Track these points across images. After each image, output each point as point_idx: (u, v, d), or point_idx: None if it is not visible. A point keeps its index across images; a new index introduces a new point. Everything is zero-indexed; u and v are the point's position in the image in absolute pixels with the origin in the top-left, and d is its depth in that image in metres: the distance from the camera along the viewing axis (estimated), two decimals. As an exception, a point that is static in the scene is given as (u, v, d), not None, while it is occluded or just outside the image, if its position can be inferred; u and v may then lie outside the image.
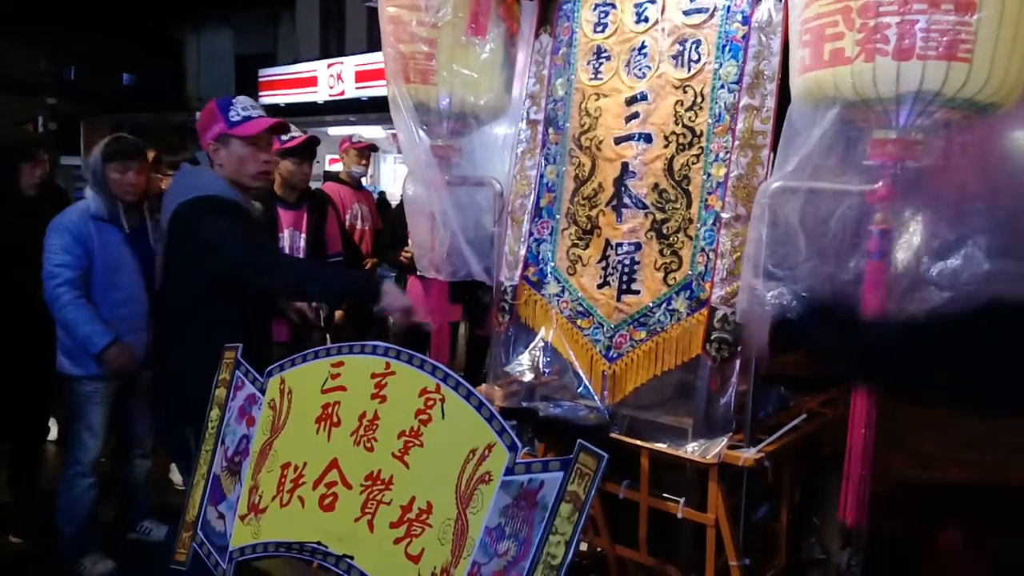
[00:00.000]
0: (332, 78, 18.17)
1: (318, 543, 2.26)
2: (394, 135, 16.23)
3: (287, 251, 4.54)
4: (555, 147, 3.49)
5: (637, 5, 3.25)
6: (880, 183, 2.43)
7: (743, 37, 2.92)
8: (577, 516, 1.81)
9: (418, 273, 4.22)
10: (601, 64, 3.34)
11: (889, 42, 2.30)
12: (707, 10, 3.04)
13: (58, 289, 3.73)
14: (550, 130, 3.51)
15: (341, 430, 2.33)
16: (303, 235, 4.56)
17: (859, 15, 2.34)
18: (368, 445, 2.25)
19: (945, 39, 2.24)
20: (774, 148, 2.70)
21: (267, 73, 20.11)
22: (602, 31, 3.36)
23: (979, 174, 2.50)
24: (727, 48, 2.95)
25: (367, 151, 6.08)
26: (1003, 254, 2.48)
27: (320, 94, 18.42)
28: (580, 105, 3.39)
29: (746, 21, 2.93)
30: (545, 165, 3.52)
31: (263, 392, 2.58)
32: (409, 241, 4.94)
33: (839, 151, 2.59)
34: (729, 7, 2.99)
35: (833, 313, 2.37)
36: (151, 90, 22.91)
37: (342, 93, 17.86)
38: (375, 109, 16.09)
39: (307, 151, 4.59)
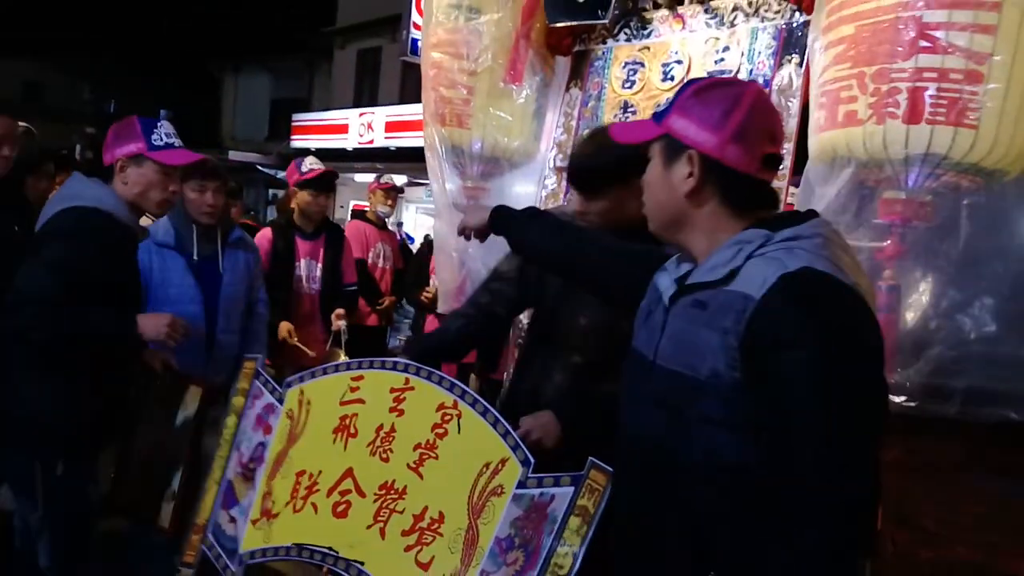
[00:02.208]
0: (363, 127, 18.49)
1: (329, 548, 2.29)
2: (418, 184, 16.57)
3: (303, 280, 4.61)
4: None
5: (664, 65, 3.44)
6: (889, 241, 2.53)
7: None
8: (585, 529, 1.84)
9: (438, 311, 4.35)
10: (628, 117, 3.50)
11: (900, 106, 2.40)
12: (731, 71, 3.21)
13: None
14: None
15: (358, 441, 2.38)
16: (319, 264, 4.64)
17: (872, 80, 2.45)
18: (384, 456, 2.30)
19: (953, 106, 2.34)
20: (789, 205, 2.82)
21: (300, 118, 20.52)
22: (630, 87, 3.54)
23: (985, 238, 2.58)
24: None
25: (393, 192, 6.22)
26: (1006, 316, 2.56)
27: (350, 141, 18.75)
28: None
29: (767, 84, 3.09)
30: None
31: (281, 402, 2.63)
32: (431, 281, 5.07)
33: (853, 209, 2.67)
34: (752, 70, 3.17)
35: None
36: (187, 126, 23.38)
37: (371, 142, 18.17)
38: (402, 159, 16.40)
39: (324, 184, 4.68)
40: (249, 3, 21.82)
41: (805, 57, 2.96)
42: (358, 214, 7.06)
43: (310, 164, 4.61)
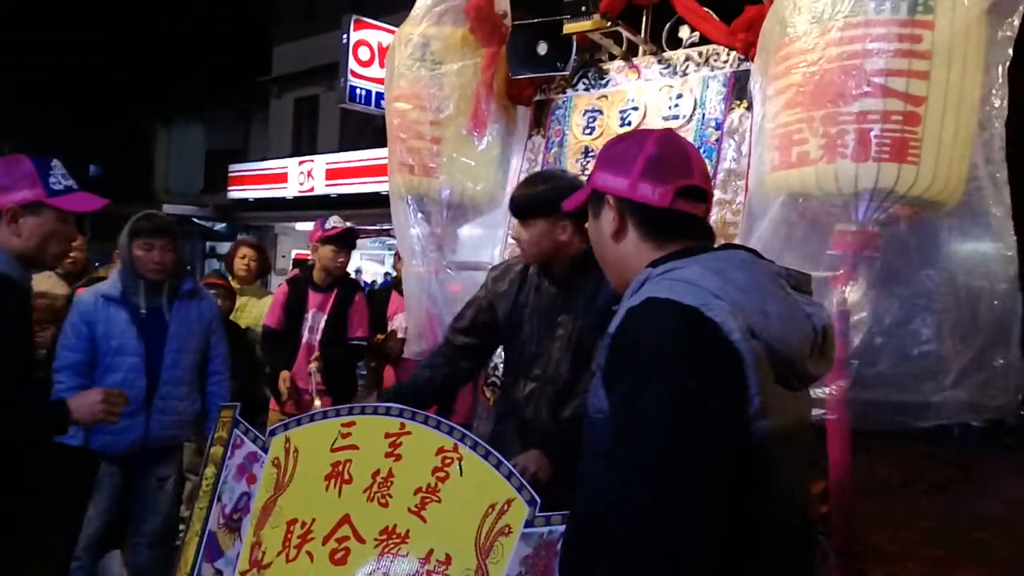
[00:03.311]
0: (303, 175, 18.50)
1: None
2: (363, 231, 16.61)
3: (307, 330, 4.79)
4: None
5: (622, 112, 3.69)
6: (841, 270, 2.78)
7: (716, 140, 3.35)
8: None
9: (405, 355, 4.49)
10: (588, 162, 3.74)
11: (848, 146, 2.68)
12: (684, 116, 3.48)
13: (57, 375, 3.56)
14: None
15: (353, 487, 2.42)
16: (324, 316, 4.80)
17: (822, 123, 2.72)
18: (383, 501, 2.31)
19: (896, 145, 2.62)
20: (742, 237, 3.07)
21: (237, 168, 20.48)
22: (590, 133, 3.79)
23: (924, 263, 2.86)
24: (702, 149, 3.34)
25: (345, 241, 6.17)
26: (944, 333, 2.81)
27: (290, 190, 18.75)
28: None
29: (719, 127, 3.37)
30: None
31: (265, 450, 2.64)
32: (392, 326, 5.22)
33: (798, 241, 2.92)
34: (704, 115, 3.43)
35: None
36: (118, 182, 23.13)
37: (312, 189, 18.18)
38: (344, 206, 16.44)
39: (346, 240, 4.89)
40: (181, 53, 21.74)
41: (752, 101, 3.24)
42: (302, 264, 6.99)
43: (334, 222, 4.83)
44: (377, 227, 15.71)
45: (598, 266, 2.31)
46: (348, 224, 4.88)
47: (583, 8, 3.56)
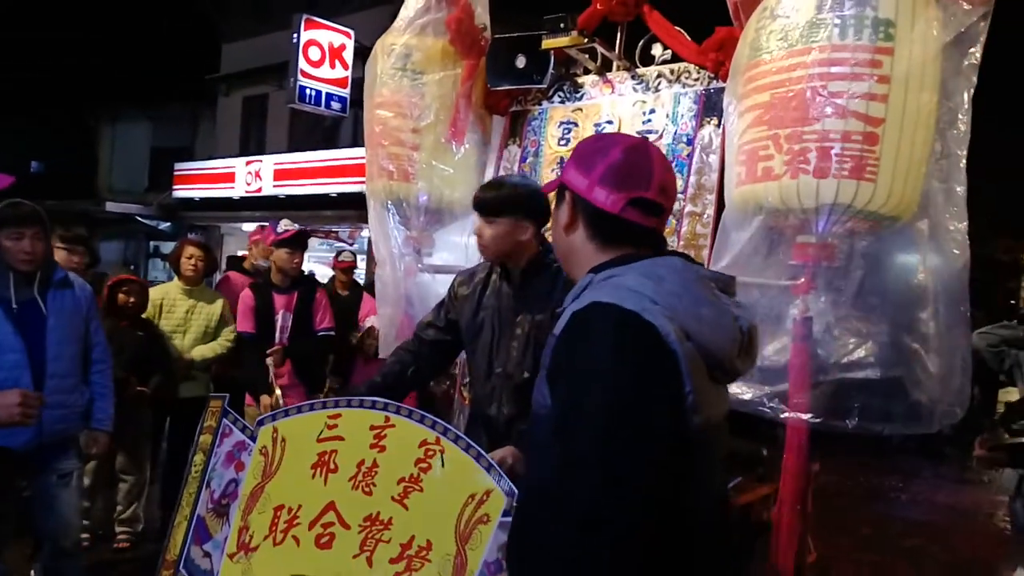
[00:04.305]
0: (250, 175, 18.37)
1: None
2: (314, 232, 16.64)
3: (279, 331, 4.98)
4: None
5: (596, 124, 3.98)
6: (802, 279, 3.03)
7: (688, 155, 3.64)
8: None
9: (380, 356, 4.71)
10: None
11: (810, 163, 2.92)
12: (657, 131, 3.77)
13: None
14: None
15: (338, 476, 2.56)
16: (291, 315, 5.04)
17: (786, 141, 2.97)
18: (367, 490, 2.46)
19: (855, 163, 2.88)
20: (712, 248, 3.33)
21: (183, 167, 20.31)
22: (565, 144, 4.07)
23: (880, 273, 3.09)
24: (674, 164, 3.62)
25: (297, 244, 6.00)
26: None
27: (237, 190, 18.64)
28: None
29: (690, 142, 3.65)
30: None
31: (254, 440, 2.81)
32: (365, 327, 5.47)
33: (763, 252, 3.16)
34: (676, 130, 3.72)
35: None
36: (61, 178, 22.85)
37: (259, 190, 18.06)
38: (292, 208, 16.45)
39: (299, 242, 5.16)
40: (127, 49, 21.53)
41: (723, 119, 3.50)
42: (237, 264, 6.95)
43: (285, 225, 5.12)
44: (326, 229, 15.79)
45: (553, 267, 2.66)
46: (299, 226, 5.13)
47: (562, 25, 3.83)
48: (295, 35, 15.67)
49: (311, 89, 15.74)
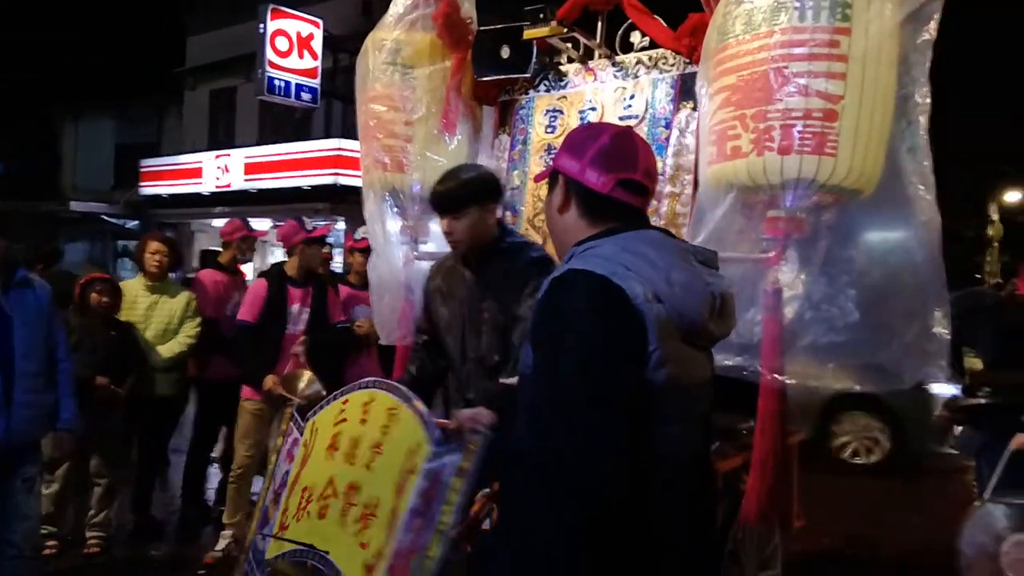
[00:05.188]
0: (219, 170, 18.64)
1: (311, 545, 2.67)
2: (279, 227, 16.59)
3: (292, 323, 5.28)
4: (513, 228, 4.32)
5: (581, 111, 4.33)
6: (773, 252, 3.27)
7: (666, 138, 3.99)
8: (462, 484, 2.34)
9: (381, 343, 5.03)
10: (551, 159, 4.16)
11: (775, 141, 3.15)
12: (637, 116, 4.11)
13: None
14: (507, 213, 4.49)
15: (339, 452, 2.80)
16: (307, 309, 5.35)
17: (752, 120, 3.21)
18: (352, 461, 2.73)
19: (816, 139, 3.11)
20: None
21: (149, 163, 20.57)
22: (552, 132, 4.42)
23: (846, 244, 3.31)
24: (654, 147, 3.78)
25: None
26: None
27: (206, 185, 18.87)
28: (533, 192, 4.41)
29: (668, 125, 4.01)
30: None
31: (302, 434, 3.08)
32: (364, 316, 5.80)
33: (737, 227, 3.41)
34: (655, 114, 4.08)
35: None
36: (23, 179, 22.89)
37: (229, 185, 18.36)
38: (264, 202, 16.62)
39: (326, 240, 5.64)
40: (90, 45, 21.53)
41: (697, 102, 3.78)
42: (212, 260, 7.09)
43: (314, 223, 5.48)
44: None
45: (506, 249, 2.97)
46: (329, 223, 5.50)
47: (541, 15, 4.14)
48: (261, 25, 15.92)
49: (280, 80, 15.99)
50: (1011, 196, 26.23)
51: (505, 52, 4.30)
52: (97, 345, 5.14)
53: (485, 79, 4.44)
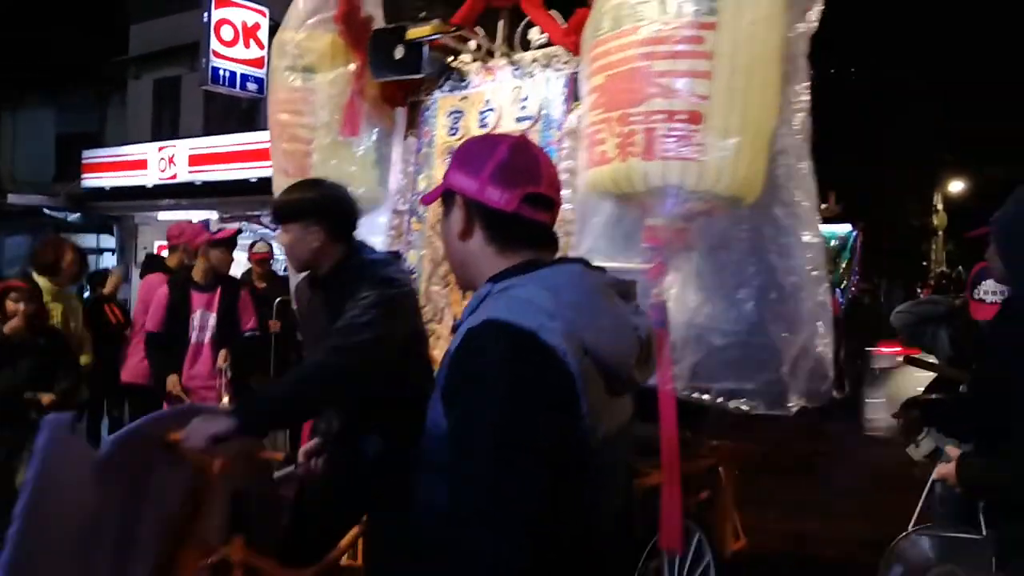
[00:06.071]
0: (164, 161, 18.39)
1: None
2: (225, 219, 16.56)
3: (196, 329, 5.33)
4: (417, 234, 4.55)
5: (481, 112, 4.42)
6: (654, 263, 3.19)
7: (558, 140, 4.08)
8: None
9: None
10: None
11: (637, 146, 3.02)
12: (532, 118, 4.20)
13: None
14: (413, 219, 4.59)
15: None
16: (213, 314, 5.42)
17: (617, 123, 3.09)
18: None
19: (680, 142, 2.97)
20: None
21: (91, 154, 20.31)
22: (454, 134, 4.50)
23: (733, 255, 3.26)
24: (547, 149, 3.96)
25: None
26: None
27: (150, 177, 18.65)
28: None
29: (560, 127, 4.09)
30: (408, 250, 4.55)
31: None
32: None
33: (620, 236, 3.35)
34: (548, 115, 4.16)
35: None
36: (-44, 169, 22.67)
37: (174, 176, 18.11)
38: (210, 194, 16.63)
39: (235, 242, 5.59)
40: (26, 31, 21.27)
41: (583, 102, 3.65)
42: (157, 262, 6.96)
43: (217, 224, 5.52)
44: (244, 215, 15.97)
45: (357, 269, 2.96)
46: (237, 225, 5.56)
47: (423, 14, 4.21)
48: (206, 14, 15.89)
49: (225, 70, 15.98)
50: (954, 186, 26.94)
51: (399, 52, 4.27)
52: (22, 355, 4.92)
53: (381, 80, 4.43)
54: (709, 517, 4.26)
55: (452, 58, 4.67)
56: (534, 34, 4.35)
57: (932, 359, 4.66)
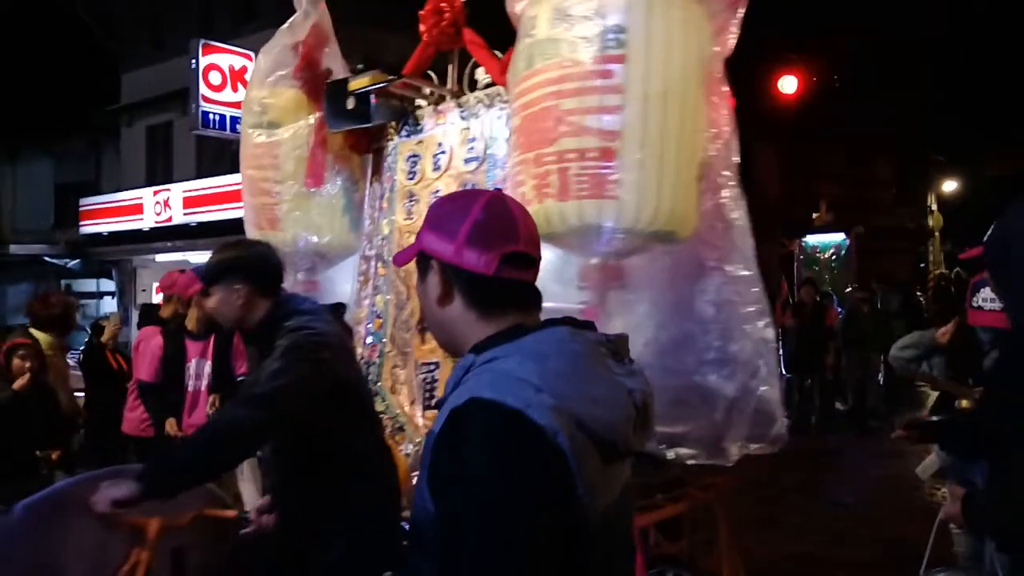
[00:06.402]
0: (159, 205, 18.94)
1: None
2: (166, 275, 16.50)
3: (193, 378, 5.40)
4: (383, 279, 4.66)
5: (435, 156, 4.55)
6: (591, 303, 3.12)
7: (503, 180, 4.10)
8: None
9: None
10: (412, 206, 4.61)
11: (551, 187, 2.99)
12: (479, 159, 4.33)
13: None
14: (379, 264, 4.71)
15: None
16: (208, 361, 5.48)
17: (533, 165, 3.07)
18: None
19: (593, 181, 2.90)
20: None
21: (88, 201, 20.91)
22: (412, 178, 4.63)
23: (669, 293, 3.20)
24: (492, 189, 4.06)
25: None
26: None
27: (146, 221, 19.13)
28: (398, 242, 4.60)
29: (503, 167, 4.14)
30: (375, 295, 4.67)
31: None
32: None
33: (559, 276, 3.24)
34: (492, 156, 4.26)
35: None
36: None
37: (169, 219, 18.62)
38: (205, 235, 16.97)
39: None
40: (22, 85, 21.63)
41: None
42: (154, 315, 6.79)
43: None
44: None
45: (277, 322, 2.97)
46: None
47: (359, 66, 4.36)
48: (193, 60, 16.36)
49: (214, 114, 16.43)
50: (948, 186, 27.14)
51: (350, 103, 4.38)
52: (31, 417, 4.95)
53: (336, 131, 4.57)
54: (706, 563, 4.05)
55: (411, 104, 4.78)
56: (480, 74, 4.41)
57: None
